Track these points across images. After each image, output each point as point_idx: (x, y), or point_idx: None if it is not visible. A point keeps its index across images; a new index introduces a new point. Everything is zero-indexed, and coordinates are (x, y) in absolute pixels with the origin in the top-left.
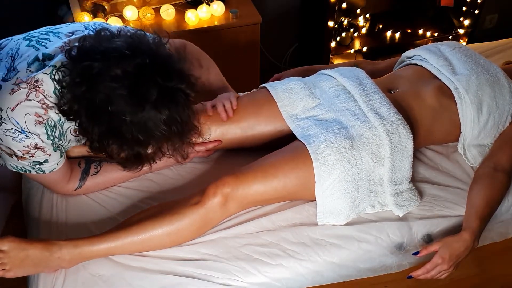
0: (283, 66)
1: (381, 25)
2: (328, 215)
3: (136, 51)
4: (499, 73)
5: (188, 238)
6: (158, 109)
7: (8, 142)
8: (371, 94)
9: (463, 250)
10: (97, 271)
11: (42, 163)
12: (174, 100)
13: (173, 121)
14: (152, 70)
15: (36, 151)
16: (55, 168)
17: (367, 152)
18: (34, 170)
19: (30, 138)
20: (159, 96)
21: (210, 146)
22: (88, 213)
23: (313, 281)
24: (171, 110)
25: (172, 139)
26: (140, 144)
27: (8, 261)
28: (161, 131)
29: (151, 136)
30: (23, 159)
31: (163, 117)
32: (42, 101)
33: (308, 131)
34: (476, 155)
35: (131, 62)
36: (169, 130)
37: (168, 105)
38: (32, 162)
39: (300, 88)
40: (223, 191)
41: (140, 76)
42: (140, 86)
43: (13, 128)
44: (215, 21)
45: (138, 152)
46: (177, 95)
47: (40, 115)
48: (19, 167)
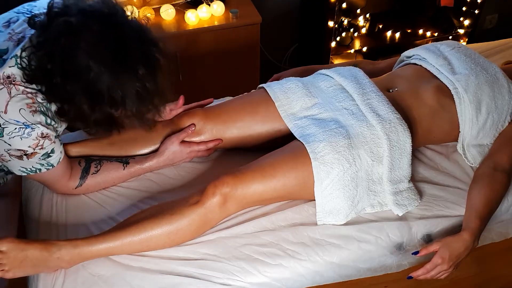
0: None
1: (381, 25)
2: (328, 215)
3: (112, 10)
4: (498, 72)
5: (188, 238)
6: (136, 67)
7: (17, 143)
8: (369, 93)
9: (463, 250)
10: (97, 271)
11: (49, 154)
12: (149, 60)
13: (148, 80)
14: (130, 30)
15: (44, 140)
16: (61, 157)
17: (365, 151)
18: (44, 167)
19: (35, 129)
20: (137, 55)
21: (211, 145)
22: (87, 213)
23: (313, 281)
24: (147, 69)
25: (145, 100)
26: (113, 104)
27: (7, 262)
28: (136, 89)
29: (126, 94)
30: (33, 155)
31: (139, 73)
32: (24, 92)
33: (307, 131)
34: (475, 155)
35: (110, 19)
36: (143, 88)
37: (144, 64)
38: (41, 156)
39: (298, 87)
40: (222, 191)
41: (119, 35)
42: (119, 44)
43: (17, 127)
44: (215, 21)
45: (109, 113)
46: (150, 57)
47: (31, 105)
48: (29, 168)
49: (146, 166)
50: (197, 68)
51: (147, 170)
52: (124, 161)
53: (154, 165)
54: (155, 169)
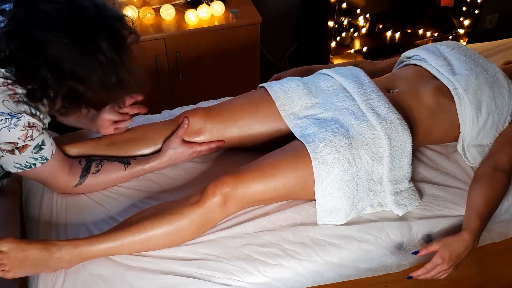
0: (283, 66)
1: (381, 25)
2: (328, 214)
3: None
4: (498, 73)
5: (188, 238)
6: (97, 40)
7: (6, 135)
8: (370, 93)
9: (463, 250)
10: (97, 271)
11: (41, 146)
12: (113, 35)
13: (111, 54)
14: (91, 6)
15: (32, 130)
16: (53, 150)
17: (366, 151)
18: (38, 161)
19: (21, 119)
20: (98, 29)
21: (213, 145)
22: (87, 213)
23: (313, 281)
24: (109, 41)
25: (108, 73)
26: (78, 77)
27: (8, 262)
28: (99, 61)
29: (89, 66)
30: (25, 148)
31: (102, 44)
32: (5, 83)
33: (307, 130)
34: (475, 155)
35: None
36: (107, 60)
37: (107, 35)
38: (33, 149)
39: (298, 87)
40: (223, 190)
41: (79, 8)
42: (78, 13)
43: (3, 118)
44: (215, 21)
45: (75, 88)
46: (115, 31)
47: (13, 96)
48: (23, 164)
49: (147, 167)
50: (197, 68)
51: (149, 171)
52: (125, 162)
53: (156, 166)
54: (157, 169)
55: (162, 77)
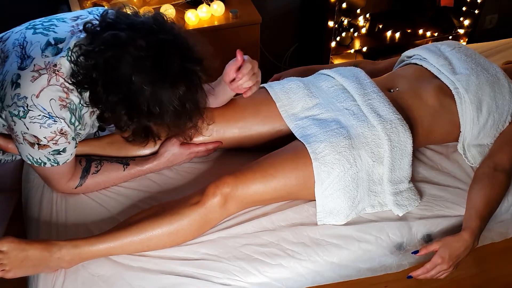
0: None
1: (381, 25)
2: (328, 215)
3: (161, 27)
4: (499, 72)
5: (188, 238)
6: (176, 85)
7: (35, 130)
8: (370, 93)
9: (463, 250)
10: (97, 271)
11: (60, 152)
12: (190, 79)
13: (187, 99)
14: (175, 48)
15: (60, 137)
16: (69, 159)
17: (366, 152)
18: (50, 162)
19: (57, 123)
20: (178, 73)
21: (211, 146)
22: (87, 213)
23: (313, 281)
24: (187, 88)
25: (182, 117)
26: (151, 117)
27: (8, 262)
28: (174, 107)
29: (164, 110)
30: (45, 147)
31: (179, 92)
32: (63, 85)
33: (307, 131)
34: (476, 155)
35: (156, 36)
36: (182, 106)
37: (186, 83)
38: (52, 151)
39: (299, 88)
40: (223, 191)
41: (164, 51)
42: (163, 61)
43: (41, 115)
44: (215, 21)
45: (147, 125)
46: (192, 76)
47: (63, 99)
48: (35, 159)
49: (146, 168)
50: None
51: (147, 172)
52: (124, 163)
53: (154, 167)
54: (155, 171)
55: None
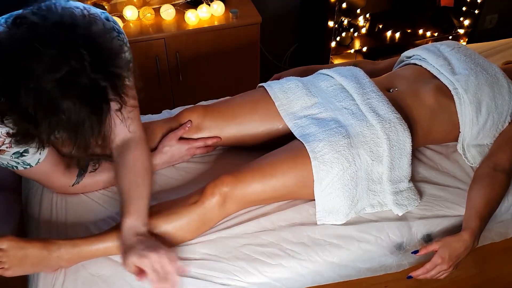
0: (283, 66)
1: (381, 25)
2: (327, 214)
3: None
4: (498, 73)
5: (187, 238)
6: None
7: None
8: (369, 92)
9: (462, 250)
10: (97, 271)
11: (22, 153)
12: (93, 98)
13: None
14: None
15: (10, 139)
16: (40, 158)
17: (365, 151)
18: (20, 165)
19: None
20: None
21: (209, 142)
22: (87, 212)
23: (313, 281)
24: (82, 106)
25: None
26: (30, 121)
27: (7, 260)
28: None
29: (46, 114)
30: (3, 152)
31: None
32: None
33: (306, 130)
34: (475, 155)
35: None
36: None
37: (81, 101)
38: (12, 154)
39: (298, 87)
40: (222, 190)
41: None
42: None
43: None
44: (215, 21)
45: (27, 129)
46: (97, 96)
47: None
48: (5, 164)
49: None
50: (197, 68)
51: None
52: None
53: (155, 165)
54: (156, 169)
55: (162, 77)
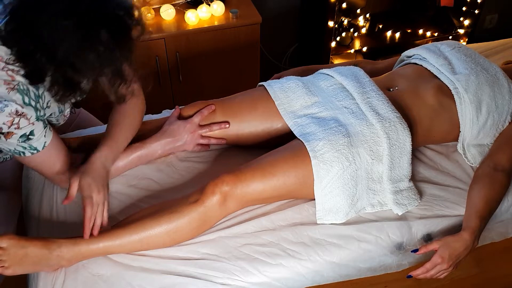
0: (283, 66)
1: (381, 25)
2: (327, 213)
3: None
4: (498, 72)
5: (187, 237)
6: (98, 30)
7: None
8: (369, 92)
9: (462, 250)
10: (97, 270)
11: (29, 136)
12: (118, 26)
13: (112, 46)
14: None
15: (19, 118)
16: (46, 142)
17: (365, 150)
18: (27, 150)
19: (9, 106)
20: (103, 19)
21: (213, 141)
22: None
23: (313, 281)
24: (112, 35)
25: (106, 67)
26: (72, 67)
27: (7, 259)
28: (98, 53)
29: (86, 59)
30: (10, 135)
31: (102, 37)
32: (5, 68)
33: (306, 129)
34: (475, 155)
35: None
36: (106, 53)
37: (111, 29)
38: (20, 137)
39: (298, 86)
40: (222, 189)
41: None
42: (81, 2)
43: None
44: (215, 21)
45: (69, 76)
46: (121, 23)
47: (10, 82)
48: (12, 150)
49: (147, 145)
50: (197, 68)
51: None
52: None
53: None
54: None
55: (162, 77)
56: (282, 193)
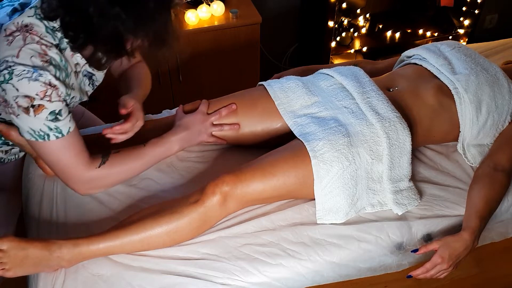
0: (283, 66)
1: (381, 25)
2: (327, 213)
3: None
4: (498, 72)
5: (188, 237)
6: None
7: (25, 86)
8: (369, 91)
9: (462, 250)
10: (97, 271)
11: (57, 115)
12: None
13: (160, 6)
14: None
15: (52, 91)
16: (71, 128)
17: (365, 149)
18: (53, 132)
19: (44, 75)
20: None
21: (226, 128)
22: (87, 212)
23: (313, 281)
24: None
25: (156, 26)
26: (124, 22)
27: (8, 261)
28: (148, 10)
29: (138, 15)
30: (40, 109)
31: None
32: (39, 42)
33: (306, 129)
34: (475, 155)
35: None
36: (156, 11)
37: None
38: (49, 114)
39: (297, 86)
40: (222, 189)
41: None
42: None
43: (26, 69)
44: (215, 21)
45: (119, 32)
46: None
47: (44, 55)
48: (37, 132)
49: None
50: (197, 68)
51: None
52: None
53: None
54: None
55: (162, 77)
56: (282, 193)
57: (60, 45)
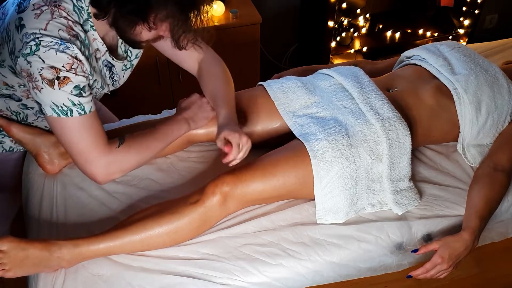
0: (283, 66)
1: (381, 25)
2: (327, 213)
3: None
4: (498, 73)
5: (188, 237)
6: None
7: (51, 57)
8: (369, 92)
9: (462, 250)
10: (97, 271)
11: (81, 91)
12: None
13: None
14: None
15: (78, 65)
16: (92, 107)
17: (365, 149)
18: (76, 108)
19: (71, 48)
20: None
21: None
22: (88, 212)
23: (313, 281)
24: None
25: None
26: None
27: (8, 261)
28: None
29: None
30: (66, 81)
31: None
32: (66, 18)
33: (306, 129)
34: (475, 155)
35: None
36: None
37: None
38: (73, 88)
39: (297, 87)
40: (222, 189)
41: None
42: None
43: (53, 41)
44: (215, 21)
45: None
46: None
47: (71, 30)
48: (60, 106)
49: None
50: None
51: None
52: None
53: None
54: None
55: (162, 77)
56: (282, 193)
57: (84, 26)
